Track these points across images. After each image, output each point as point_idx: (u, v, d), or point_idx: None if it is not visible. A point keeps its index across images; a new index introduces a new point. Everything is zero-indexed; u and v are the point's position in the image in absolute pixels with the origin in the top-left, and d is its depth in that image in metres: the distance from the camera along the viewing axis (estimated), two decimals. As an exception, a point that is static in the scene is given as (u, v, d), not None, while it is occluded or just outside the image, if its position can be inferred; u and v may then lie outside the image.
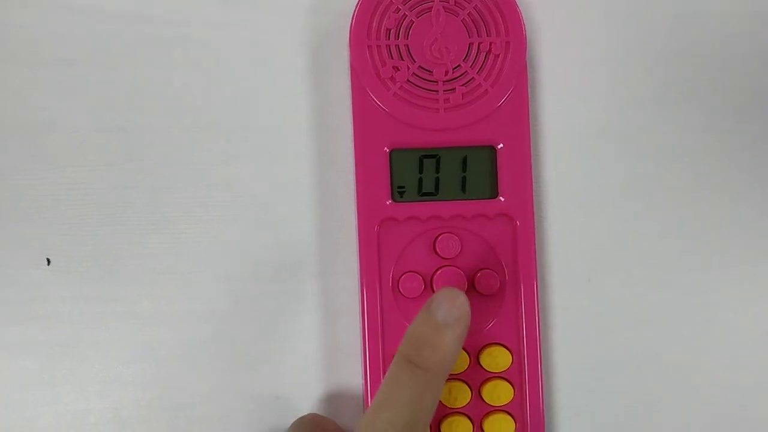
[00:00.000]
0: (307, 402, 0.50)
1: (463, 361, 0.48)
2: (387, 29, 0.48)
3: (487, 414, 0.48)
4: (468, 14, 0.48)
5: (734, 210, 0.51)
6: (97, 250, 0.51)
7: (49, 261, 0.51)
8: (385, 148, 0.48)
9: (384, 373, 0.48)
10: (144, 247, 0.51)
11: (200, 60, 0.51)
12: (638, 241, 0.51)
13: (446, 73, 0.48)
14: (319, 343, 0.50)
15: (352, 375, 0.50)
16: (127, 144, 0.51)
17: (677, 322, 0.51)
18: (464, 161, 0.48)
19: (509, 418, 0.48)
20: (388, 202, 0.48)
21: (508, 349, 0.48)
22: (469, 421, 0.48)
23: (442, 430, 0.48)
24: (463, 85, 0.48)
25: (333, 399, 0.51)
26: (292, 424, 0.49)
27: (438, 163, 0.48)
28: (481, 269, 0.48)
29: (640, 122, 0.51)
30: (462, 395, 0.48)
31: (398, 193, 0.48)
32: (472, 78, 0.48)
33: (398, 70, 0.48)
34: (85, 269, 0.51)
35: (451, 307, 0.44)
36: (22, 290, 0.50)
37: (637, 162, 0.51)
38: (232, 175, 0.51)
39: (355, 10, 0.48)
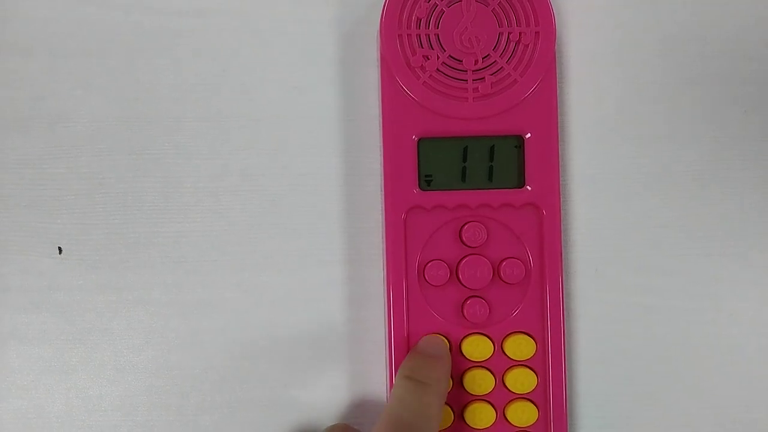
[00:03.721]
0: (319, 391, 0.51)
1: (487, 349, 0.49)
2: (417, 18, 0.48)
3: (511, 401, 0.49)
4: (498, 4, 0.48)
5: (746, 199, 0.51)
6: (108, 239, 0.51)
7: (60, 250, 0.50)
8: (414, 137, 0.48)
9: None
10: (155, 236, 0.51)
11: (217, 50, 0.51)
12: (651, 230, 0.51)
13: (476, 62, 0.48)
14: (336, 332, 0.51)
15: (374, 362, 0.51)
16: (140, 133, 0.51)
17: (687, 311, 0.51)
18: (492, 150, 0.48)
19: (532, 405, 0.49)
20: (415, 191, 0.48)
21: (532, 337, 0.49)
22: (492, 408, 0.49)
23: (465, 416, 0.48)
24: (492, 74, 0.48)
25: (351, 389, 0.51)
26: None
27: (466, 152, 0.48)
28: (507, 258, 0.48)
29: (660, 112, 0.51)
30: (485, 383, 0.48)
31: (425, 181, 0.48)
32: (502, 67, 0.48)
33: (428, 59, 0.48)
34: (97, 258, 0.51)
35: (438, 346, 0.48)
36: (34, 279, 0.51)
37: (653, 151, 0.51)
38: (246, 164, 0.51)
39: (386, 0, 0.48)
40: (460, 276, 0.48)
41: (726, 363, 0.51)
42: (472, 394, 0.49)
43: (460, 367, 0.49)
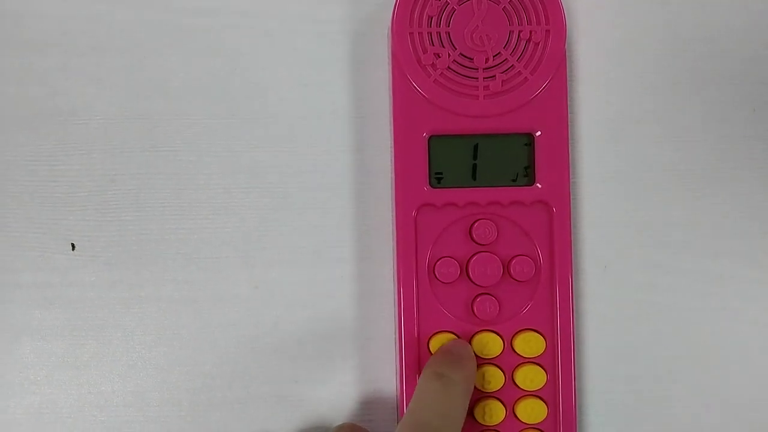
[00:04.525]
0: (329, 388, 0.51)
1: (497, 346, 0.49)
2: (429, 17, 0.48)
3: (520, 398, 0.49)
4: (509, 2, 0.48)
5: (753, 198, 0.52)
6: (120, 236, 0.51)
7: (73, 246, 0.51)
8: (424, 135, 0.48)
9: (418, 356, 0.48)
10: (167, 232, 0.51)
11: (228, 48, 0.51)
12: (660, 228, 0.51)
13: (486, 60, 0.48)
14: (346, 329, 0.51)
15: (383, 359, 0.51)
16: (152, 131, 0.51)
17: (694, 309, 0.51)
18: (502, 148, 0.48)
19: (542, 402, 0.49)
20: (425, 188, 0.48)
21: (541, 334, 0.49)
22: (502, 405, 0.49)
23: (475, 413, 0.49)
24: (503, 72, 0.48)
25: (360, 386, 0.51)
26: None
27: (476, 149, 0.48)
28: (517, 255, 0.49)
29: (668, 111, 0.51)
30: (495, 380, 0.49)
31: (436, 179, 0.48)
32: (512, 65, 0.48)
33: (439, 57, 0.48)
34: (109, 254, 0.51)
35: (465, 347, 0.48)
36: (47, 275, 0.51)
37: (661, 150, 0.51)
38: (257, 162, 0.51)
39: (397, -2, 0.48)
40: (471, 273, 0.48)
41: (732, 361, 0.51)
42: (481, 391, 0.49)
43: (470, 364, 0.49)
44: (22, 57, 0.51)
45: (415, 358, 0.48)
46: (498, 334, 0.49)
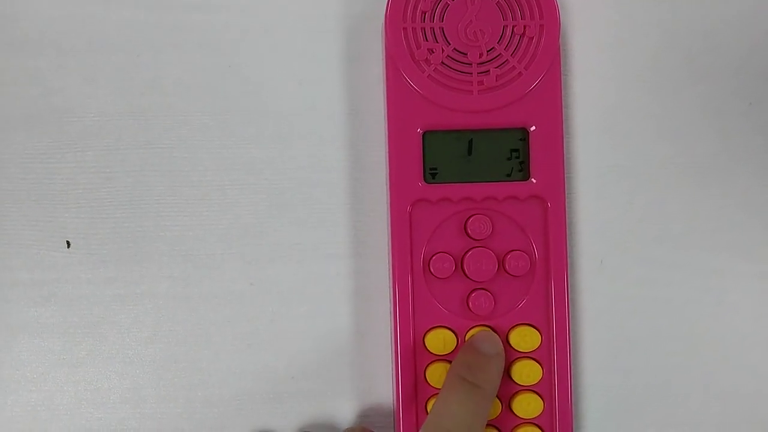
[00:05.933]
0: (325, 383, 0.51)
1: (493, 341, 0.49)
2: (422, 12, 0.48)
3: (516, 393, 0.49)
4: (503, -3, 0.48)
5: (750, 192, 0.52)
6: (116, 233, 0.51)
7: (69, 244, 0.51)
8: (419, 130, 0.48)
9: (413, 351, 0.49)
10: (162, 229, 0.51)
11: (223, 45, 0.51)
12: (655, 222, 0.51)
13: (480, 55, 0.48)
14: (341, 325, 0.51)
15: (377, 357, 0.51)
16: (147, 128, 0.51)
17: (690, 303, 0.51)
18: (497, 143, 0.48)
19: (538, 397, 0.49)
20: (420, 184, 0.48)
21: (537, 329, 0.49)
22: (497, 400, 0.49)
23: (471, 409, 0.49)
24: (497, 67, 0.48)
25: (356, 382, 0.51)
26: None
27: (471, 144, 0.48)
28: (512, 250, 0.49)
29: (664, 105, 0.51)
30: (491, 374, 0.49)
31: (430, 174, 0.48)
32: (507, 60, 0.48)
33: (433, 52, 0.48)
34: (105, 251, 0.51)
35: (492, 343, 0.47)
36: (42, 272, 0.51)
37: (657, 144, 0.51)
38: (252, 158, 0.51)
39: (391, -7, 0.48)
40: (466, 268, 0.48)
41: (729, 355, 0.51)
42: (477, 386, 0.49)
43: (465, 359, 0.49)
44: (17, 57, 0.51)
45: (410, 354, 0.48)
46: (493, 329, 0.49)
